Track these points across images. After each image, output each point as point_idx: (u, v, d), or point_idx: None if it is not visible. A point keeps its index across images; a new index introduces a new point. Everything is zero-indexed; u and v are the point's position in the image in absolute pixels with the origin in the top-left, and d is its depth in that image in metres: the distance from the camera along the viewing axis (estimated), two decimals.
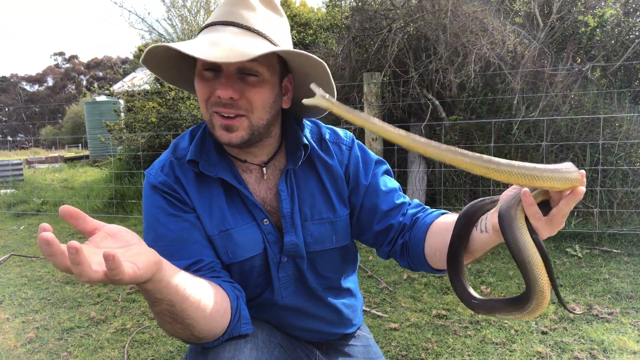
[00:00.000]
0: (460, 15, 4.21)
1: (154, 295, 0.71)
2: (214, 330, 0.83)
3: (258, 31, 0.90)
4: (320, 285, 1.07)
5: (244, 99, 0.89)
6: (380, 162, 1.10)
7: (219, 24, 0.91)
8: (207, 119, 0.93)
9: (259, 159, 1.01)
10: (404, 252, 1.00)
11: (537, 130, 4.02)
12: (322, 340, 1.15)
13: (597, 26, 4.07)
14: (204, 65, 0.89)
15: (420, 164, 4.34)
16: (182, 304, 0.74)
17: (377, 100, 4.14)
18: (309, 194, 1.02)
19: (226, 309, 0.85)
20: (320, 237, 1.02)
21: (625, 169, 3.77)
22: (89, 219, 0.62)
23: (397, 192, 1.05)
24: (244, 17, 0.91)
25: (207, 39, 0.87)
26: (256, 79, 0.89)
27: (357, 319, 1.19)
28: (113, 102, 10.89)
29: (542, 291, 0.67)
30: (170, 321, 0.77)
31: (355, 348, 1.17)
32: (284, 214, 0.99)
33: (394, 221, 1.01)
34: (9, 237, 4.57)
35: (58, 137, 23.02)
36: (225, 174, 0.96)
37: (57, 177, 8.78)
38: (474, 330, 2.18)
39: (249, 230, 0.97)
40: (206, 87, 0.90)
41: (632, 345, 1.98)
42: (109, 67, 47.91)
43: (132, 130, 6.56)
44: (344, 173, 1.05)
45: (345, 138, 1.09)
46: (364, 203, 1.04)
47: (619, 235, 3.44)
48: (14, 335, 2.29)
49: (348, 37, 4.96)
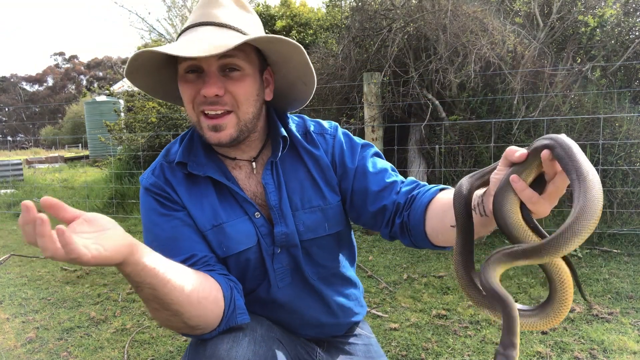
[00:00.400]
0: (460, 15, 4.21)
1: (134, 279, 0.74)
2: (207, 319, 0.84)
3: (232, 26, 0.94)
4: (317, 274, 1.08)
5: (228, 94, 0.92)
6: (367, 145, 1.11)
7: (195, 26, 0.94)
8: (194, 120, 0.95)
9: (247, 155, 1.04)
10: (405, 231, 1.00)
11: (537, 130, 4.02)
12: (324, 335, 1.15)
13: (597, 26, 4.07)
14: (186, 68, 0.92)
15: (420, 164, 4.34)
16: (163, 288, 0.76)
17: (377, 100, 4.14)
18: (298, 184, 1.04)
19: (217, 298, 0.86)
20: (313, 225, 1.04)
21: (625, 169, 3.77)
22: (68, 208, 0.66)
23: (387, 171, 1.05)
24: (217, 15, 0.94)
25: (184, 40, 0.91)
26: (238, 74, 0.92)
27: (359, 307, 1.19)
28: (113, 102, 10.88)
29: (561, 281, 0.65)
30: (157, 307, 0.79)
31: (357, 346, 1.17)
32: (271, 205, 1.01)
33: (387, 201, 1.01)
34: (9, 237, 4.57)
35: (58, 137, 23.03)
36: (214, 172, 0.98)
37: (57, 177, 8.78)
38: (474, 330, 2.18)
39: (242, 224, 0.99)
40: (190, 88, 0.93)
41: (632, 345, 1.98)
42: (109, 67, 47.91)
43: (132, 130, 6.57)
44: (331, 162, 1.07)
45: (329, 128, 1.11)
46: (354, 186, 1.05)
47: (619, 235, 3.44)
48: (14, 335, 2.29)
49: (348, 37, 4.96)
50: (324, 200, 1.05)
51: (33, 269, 3.38)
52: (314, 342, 1.14)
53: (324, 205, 1.05)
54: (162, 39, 10.47)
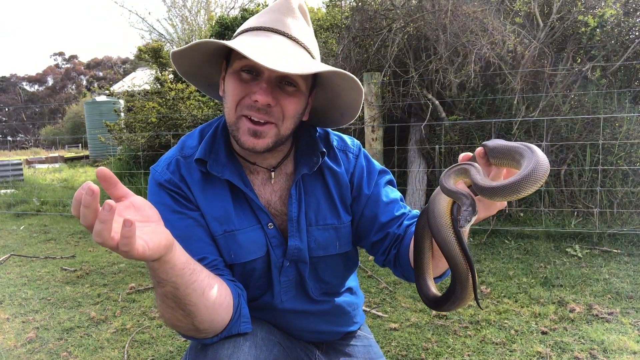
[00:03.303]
0: (460, 15, 4.21)
1: (159, 275, 0.73)
2: (215, 323, 0.84)
3: (303, 44, 0.93)
4: (319, 290, 1.08)
5: (278, 106, 0.90)
6: (384, 172, 1.10)
7: (267, 30, 0.91)
8: (232, 120, 0.92)
9: (267, 162, 1.01)
10: (396, 263, 1.02)
11: (537, 130, 4.02)
12: (323, 340, 1.15)
13: (597, 26, 4.07)
14: (244, 66, 0.89)
15: (420, 164, 4.34)
16: (186, 289, 0.76)
17: (377, 100, 4.14)
18: (315, 200, 1.02)
19: (229, 304, 0.86)
20: (324, 243, 1.03)
21: (625, 169, 3.77)
22: (120, 185, 0.67)
23: (397, 203, 1.06)
24: (290, 26, 0.92)
25: (258, 42, 0.87)
26: (293, 90, 0.91)
27: (358, 316, 1.19)
28: (113, 102, 10.89)
29: (462, 279, 0.75)
30: (173, 306, 0.78)
31: (356, 348, 1.17)
32: (292, 217, 0.99)
33: (390, 231, 1.02)
34: (9, 237, 4.57)
35: (58, 137, 23.00)
36: (233, 176, 0.96)
37: (57, 177, 8.78)
38: (474, 330, 2.18)
39: (253, 233, 0.98)
40: (242, 87, 0.90)
41: (632, 345, 1.98)
42: (109, 67, 47.92)
43: (132, 130, 6.57)
44: (349, 181, 1.06)
45: (353, 147, 1.09)
46: (365, 212, 1.05)
47: (619, 235, 3.43)
48: (14, 335, 2.29)
49: (348, 37, 4.96)
50: (338, 220, 1.04)
51: (33, 269, 3.38)
52: (313, 344, 1.14)
53: (338, 224, 1.04)
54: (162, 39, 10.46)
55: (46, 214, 5.66)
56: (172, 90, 6.40)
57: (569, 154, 3.95)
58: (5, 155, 15.45)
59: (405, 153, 4.52)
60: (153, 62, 8.67)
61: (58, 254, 3.78)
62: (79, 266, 3.41)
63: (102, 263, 3.48)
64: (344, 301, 1.13)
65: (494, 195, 0.66)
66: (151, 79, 8.82)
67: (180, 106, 6.26)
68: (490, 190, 0.66)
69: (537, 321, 2.25)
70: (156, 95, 6.63)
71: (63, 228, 4.84)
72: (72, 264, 3.47)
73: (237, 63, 0.90)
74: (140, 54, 9.19)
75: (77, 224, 5.05)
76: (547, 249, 3.34)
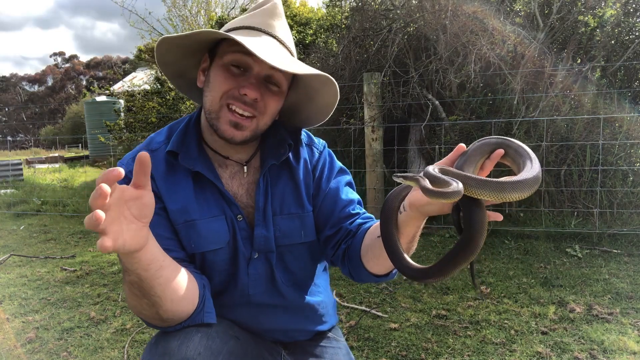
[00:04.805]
0: (460, 15, 4.21)
1: (125, 265, 0.78)
2: (179, 314, 0.87)
3: (287, 46, 1.00)
4: (288, 280, 1.09)
5: (262, 102, 0.95)
6: (344, 172, 1.15)
7: (257, 30, 0.97)
8: (214, 108, 0.96)
9: (238, 157, 1.05)
10: (345, 259, 1.04)
11: (537, 130, 4.02)
12: (292, 338, 1.14)
13: (597, 26, 4.07)
14: (233, 60, 0.94)
15: (420, 164, 4.34)
16: (151, 282, 0.80)
17: (377, 100, 4.14)
18: (280, 190, 1.06)
19: (194, 295, 0.89)
20: (289, 231, 1.05)
21: (625, 169, 3.77)
22: (148, 177, 0.73)
23: (354, 203, 1.10)
24: (276, 28, 0.99)
25: (253, 41, 0.91)
26: (277, 89, 0.98)
27: (328, 316, 1.19)
28: (113, 102, 10.87)
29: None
30: (138, 294, 0.82)
31: (324, 349, 1.16)
32: (258, 206, 1.02)
33: (343, 226, 1.06)
34: (9, 237, 4.57)
35: (58, 137, 23.01)
36: (204, 168, 1.00)
37: (57, 177, 8.78)
38: (474, 331, 2.18)
39: (216, 224, 1.00)
40: (230, 81, 0.94)
41: (632, 346, 1.98)
42: (109, 67, 47.89)
43: (132, 130, 6.57)
44: (312, 173, 1.10)
45: (318, 143, 1.16)
46: (322, 206, 1.08)
47: (619, 236, 3.44)
48: (14, 335, 2.29)
49: (348, 37, 4.96)
50: (302, 208, 1.07)
51: (33, 269, 3.38)
52: (280, 344, 1.13)
53: (301, 213, 1.07)
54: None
55: (46, 214, 5.67)
56: (172, 90, 6.40)
57: (569, 154, 3.95)
58: (5, 155, 15.45)
59: (405, 153, 4.52)
60: (153, 62, 8.66)
61: (58, 254, 3.78)
62: (79, 266, 3.41)
63: (102, 263, 3.48)
64: (314, 299, 1.14)
65: (429, 194, 0.71)
66: (151, 79, 8.82)
67: (180, 106, 6.26)
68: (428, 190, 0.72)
69: (537, 321, 2.25)
70: (156, 95, 6.63)
71: (63, 228, 4.84)
72: (72, 264, 3.48)
73: (228, 56, 0.94)
74: (140, 54, 9.19)
75: (77, 224, 5.06)
76: (547, 249, 3.34)
